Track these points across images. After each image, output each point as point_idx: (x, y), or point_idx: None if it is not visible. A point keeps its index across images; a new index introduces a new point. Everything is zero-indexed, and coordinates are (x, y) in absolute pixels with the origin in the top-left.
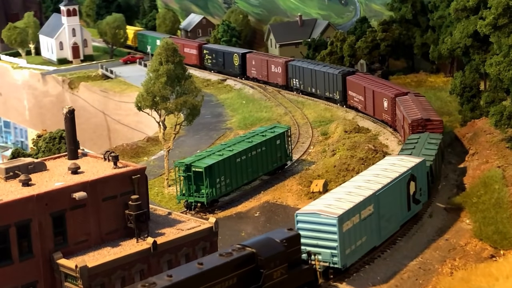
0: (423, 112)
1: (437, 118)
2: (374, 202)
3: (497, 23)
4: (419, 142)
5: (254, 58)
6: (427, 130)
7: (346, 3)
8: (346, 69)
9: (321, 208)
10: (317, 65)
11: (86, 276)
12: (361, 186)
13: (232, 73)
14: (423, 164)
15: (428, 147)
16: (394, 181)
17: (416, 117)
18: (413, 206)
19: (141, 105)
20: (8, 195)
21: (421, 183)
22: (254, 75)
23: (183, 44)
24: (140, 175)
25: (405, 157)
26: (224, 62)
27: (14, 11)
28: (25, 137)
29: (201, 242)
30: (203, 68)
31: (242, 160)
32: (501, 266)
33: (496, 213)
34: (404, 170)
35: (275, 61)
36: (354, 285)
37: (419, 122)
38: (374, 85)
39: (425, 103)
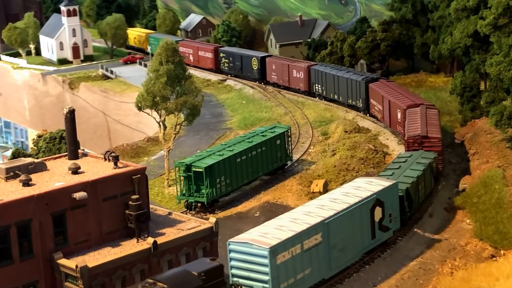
0: (423, 128)
1: (436, 135)
2: (323, 231)
3: (497, 23)
4: (407, 161)
5: (274, 62)
6: (423, 148)
7: (346, 3)
8: (370, 75)
9: (255, 238)
10: (340, 70)
11: (87, 276)
12: (311, 212)
13: (251, 78)
14: (394, 188)
15: (414, 168)
16: (351, 207)
17: (414, 133)
18: (379, 234)
19: (141, 105)
20: (9, 195)
21: (391, 209)
22: (275, 80)
23: (197, 47)
24: (141, 175)
25: (375, 179)
26: (242, 66)
27: (14, 11)
28: (25, 137)
29: (201, 242)
30: (219, 72)
31: (242, 160)
32: (501, 266)
33: (496, 213)
34: (366, 195)
35: (297, 66)
36: (354, 285)
37: (415, 139)
38: (392, 94)
39: (433, 117)
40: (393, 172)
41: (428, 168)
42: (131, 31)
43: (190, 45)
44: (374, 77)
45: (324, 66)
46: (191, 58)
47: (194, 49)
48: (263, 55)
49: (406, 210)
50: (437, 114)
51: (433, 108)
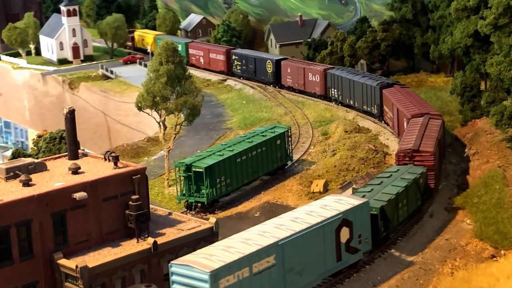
0: (417, 140)
1: (428, 149)
2: (277, 253)
3: (497, 23)
4: (391, 177)
5: (289, 65)
6: (414, 163)
7: (346, 3)
8: (385, 80)
9: (197, 260)
10: (356, 74)
11: (87, 276)
12: (267, 232)
13: (265, 81)
14: (364, 207)
15: (395, 184)
16: (311, 228)
17: (405, 147)
18: (346, 256)
19: (142, 105)
20: (9, 195)
21: (361, 229)
22: (290, 84)
23: (208, 49)
24: (141, 175)
25: (345, 198)
26: (256, 69)
27: (14, 11)
28: (25, 137)
29: (202, 242)
30: (231, 75)
31: (243, 160)
32: (502, 266)
33: (496, 213)
34: (331, 215)
35: (313, 69)
36: (354, 285)
37: (405, 153)
38: (402, 101)
39: (433, 129)
40: (372, 188)
41: (412, 184)
42: (139, 32)
43: (200, 47)
44: (390, 82)
45: (340, 70)
46: (202, 61)
47: (205, 51)
48: (278, 58)
49: (380, 230)
50: (439, 126)
51: (437, 118)
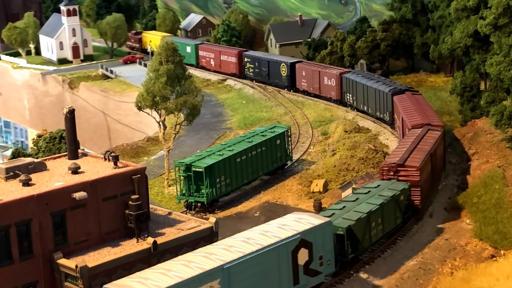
0: (405, 154)
1: (414, 164)
2: (222, 277)
3: (497, 22)
4: (370, 193)
5: (304, 68)
6: (398, 178)
7: (346, 3)
8: (398, 86)
9: (131, 284)
10: (369, 79)
11: (86, 276)
12: (213, 254)
13: (279, 85)
14: (327, 227)
15: (370, 202)
16: (263, 249)
17: (391, 161)
18: (304, 279)
19: (141, 105)
20: (9, 195)
21: (323, 251)
22: (305, 88)
23: (219, 51)
24: (140, 175)
25: (307, 216)
26: (269, 72)
27: (14, 11)
28: (25, 137)
29: (201, 242)
30: (243, 78)
31: (242, 160)
32: (501, 266)
33: (496, 213)
34: (287, 235)
35: (328, 73)
36: (354, 285)
37: (390, 167)
38: (408, 110)
39: (429, 141)
40: (344, 205)
41: (390, 202)
42: (146, 34)
43: (211, 48)
44: (402, 88)
45: (356, 74)
46: (213, 63)
47: (216, 53)
48: (293, 61)
49: (347, 251)
50: (436, 138)
51: (437, 130)
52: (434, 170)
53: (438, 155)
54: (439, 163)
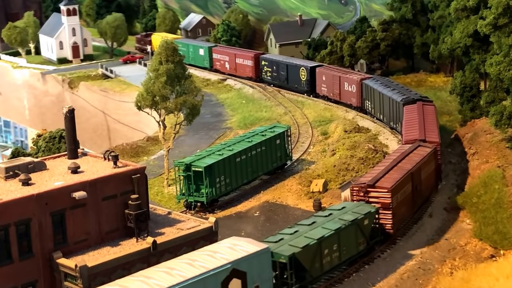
0: (380, 174)
1: (385, 185)
2: None
3: (497, 22)
4: (329, 216)
5: (324, 73)
6: (369, 199)
7: (346, 3)
8: (412, 95)
9: None
10: (386, 87)
11: (86, 275)
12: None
13: (298, 90)
14: (264, 255)
15: (326, 227)
16: (186, 282)
17: (362, 180)
18: None
19: (141, 105)
20: (8, 194)
21: (259, 280)
22: (325, 93)
23: (234, 54)
24: (140, 175)
25: (243, 242)
26: (288, 76)
27: (14, 10)
28: (25, 136)
29: (201, 242)
30: (259, 82)
31: (242, 159)
32: (501, 266)
33: (496, 213)
34: (217, 265)
35: (349, 78)
36: (354, 285)
37: (360, 188)
38: (411, 121)
39: (413, 159)
40: (296, 230)
41: (350, 227)
42: (156, 36)
43: (226, 51)
44: (415, 98)
45: (375, 80)
46: (227, 66)
47: (231, 56)
48: (313, 65)
49: (290, 281)
50: (423, 156)
51: (427, 147)
52: (416, 191)
53: (426, 174)
54: (426, 182)
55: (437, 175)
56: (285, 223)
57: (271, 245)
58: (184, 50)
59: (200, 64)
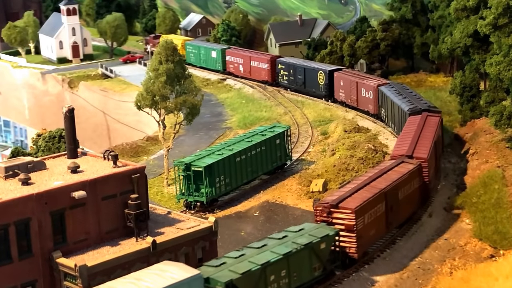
0: (350, 192)
1: (349, 206)
2: None
3: (497, 23)
4: (283, 239)
5: (342, 77)
6: (332, 221)
7: (346, 2)
8: (421, 105)
9: None
10: (398, 94)
11: (86, 275)
12: None
13: (316, 94)
14: (195, 282)
15: (275, 251)
16: None
17: (327, 200)
18: None
19: (141, 104)
20: (8, 194)
21: None
22: (342, 99)
23: (249, 57)
24: (140, 174)
25: (174, 268)
26: (305, 80)
27: (14, 10)
28: (24, 136)
29: (201, 242)
30: (275, 86)
31: (242, 159)
32: (500, 266)
33: (495, 213)
34: None
35: (366, 84)
36: (354, 285)
37: (324, 207)
38: (407, 134)
39: (391, 177)
40: (242, 254)
41: (303, 251)
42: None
43: (240, 53)
44: (422, 108)
45: (390, 87)
46: (241, 69)
47: (245, 59)
48: (332, 69)
49: None
50: (402, 174)
51: (411, 163)
52: (391, 211)
53: (406, 193)
54: (407, 201)
55: (423, 193)
56: (285, 223)
57: (211, 269)
58: (195, 52)
59: (212, 66)
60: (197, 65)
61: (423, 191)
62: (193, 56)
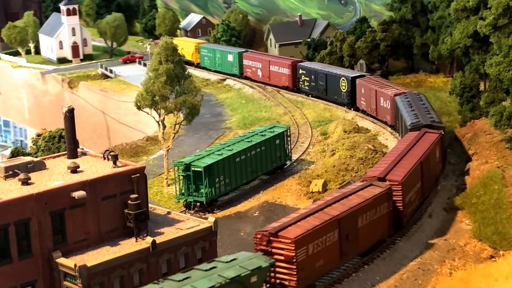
0: (296, 219)
1: (289, 235)
2: None
3: (497, 23)
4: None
5: (363, 85)
6: (272, 251)
7: (346, 3)
8: (425, 120)
9: None
10: (409, 106)
11: (85, 275)
12: None
13: (338, 102)
14: None
15: (196, 285)
16: None
17: (269, 227)
18: None
19: (141, 105)
20: (8, 194)
21: None
22: (363, 107)
23: (268, 61)
24: (140, 175)
25: None
26: (327, 87)
27: (14, 10)
28: (24, 136)
29: (200, 242)
30: (296, 92)
31: (242, 159)
32: (500, 267)
33: (495, 213)
34: None
35: (384, 93)
36: (353, 285)
37: (263, 236)
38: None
39: (351, 202)
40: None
41: (230, 285)
42: (177, 41)
43: (259, 58)
44: (424, 123)
45: (404, 96)
46: (260, 73)
47: (264, 63)
48: (354, 75)
49: None
50: (364, 199)
51: (379, 187)
52: (347, 240)
53: (368, 220)
54: (370, 229)
55: (393, 220)
56: None
57: None
58: (210, 56)
59: (228, 70)
60: (212, 69)
61: (395, 218)
62: (207, 60)
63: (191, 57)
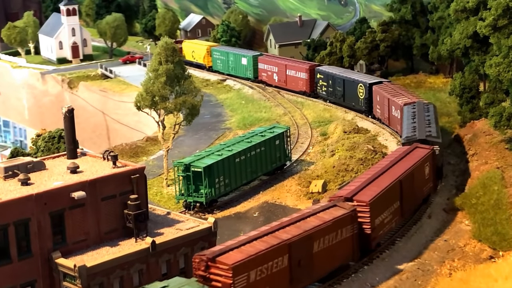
0: (241, 242)
1: (227, 261)
2: None
3: (497, 24)
4: None
5: (379, 92)
6: (210, 277)
7: (345, 3)
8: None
9: None
10: (413, 117)
11: (85, 275)
12: None
13: (356, 109)
14: None
15: None
16: None
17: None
18: None
19: (141, 105)
20: (7, 194)
21: None
22: (379, 115)
23: (285, 65)
24: (139, 175)
25: None
26: (344, 93)
27: (14, 10)
28: (24, 136)
29: (200, 242)
30: (314, 97)
31: (241, 160)
32: (500, 267)
33: (495, 214)
34: None
35: (395, 102)
36: (353, 286)
37: (201, 260)
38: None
39: (311, 222)
40: None
41: None
42: (188, 43)
43: (275, 61)
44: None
45: (412, 107)
46: (276, 78)
47: (281, 67)
48: (372, 81)
49: None
50: (323, 222)
51: (343, 208)
52: (299, 267)
53: (328, 243)
54: (329, 253)
55: (359, 243)
56: None
57: None
58: (223, 59)
59: (242, 74)
60: (224, 72)
61: (361, 241)
62: (220, 63)
63: (203, 60)
